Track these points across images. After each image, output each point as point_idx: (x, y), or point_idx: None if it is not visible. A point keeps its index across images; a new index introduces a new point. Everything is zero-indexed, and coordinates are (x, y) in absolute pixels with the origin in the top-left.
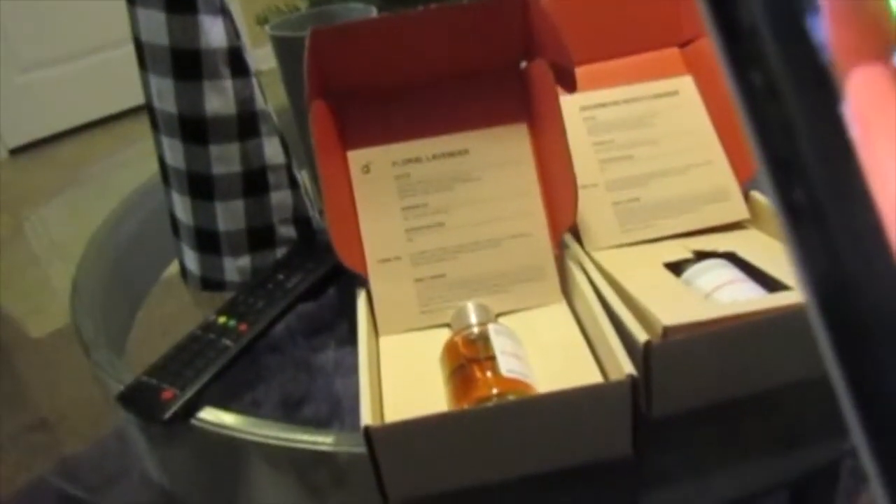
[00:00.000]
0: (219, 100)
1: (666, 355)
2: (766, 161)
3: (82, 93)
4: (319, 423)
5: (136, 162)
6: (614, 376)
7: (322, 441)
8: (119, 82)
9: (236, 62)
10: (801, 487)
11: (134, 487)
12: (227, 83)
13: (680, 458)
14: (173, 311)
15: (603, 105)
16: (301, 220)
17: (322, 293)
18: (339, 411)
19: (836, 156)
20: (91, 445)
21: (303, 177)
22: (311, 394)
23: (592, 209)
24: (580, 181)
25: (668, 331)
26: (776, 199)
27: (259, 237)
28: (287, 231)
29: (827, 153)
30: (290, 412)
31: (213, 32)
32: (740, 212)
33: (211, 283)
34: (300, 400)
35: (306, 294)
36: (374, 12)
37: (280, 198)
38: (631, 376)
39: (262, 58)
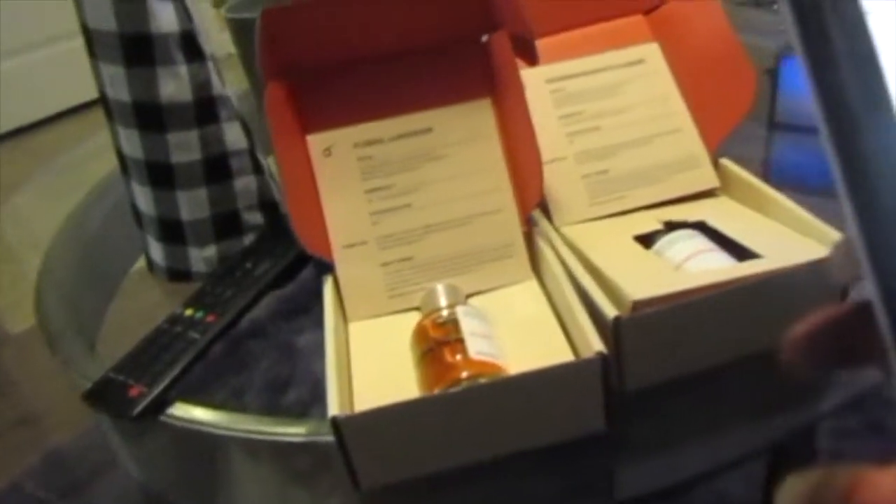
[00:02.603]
0: (174, 85)
1: (636, 330)
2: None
3: (52, 82)
4: (303, 407)
5: (109, 150)
6: (585, 354)
7: (295, 432)
8: (90, 70)
9: (190, 46)
10: (778, 453)
11: (120, 479)
12: (182, 68)
13: (656, 430)
14: (148, 303)
15: (569, 77)
16: (267, 205)
17: (292, 278)
18: (322, 394)
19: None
20: (75, 438)
21: (269, 162)
22: (296, 377)
23: (561, 183)
24: (548, 155)
25: (637, 305)
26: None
27: (224, 225)
28: (253, 217)
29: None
30: (276, 396)
31: (164, 16)
32: (710, 180)
33: (177, 273)
34: (285, 383)
35: (276, 281)
36: None
37: (244, 183)
38: (600, 354)
39: (227, 41)
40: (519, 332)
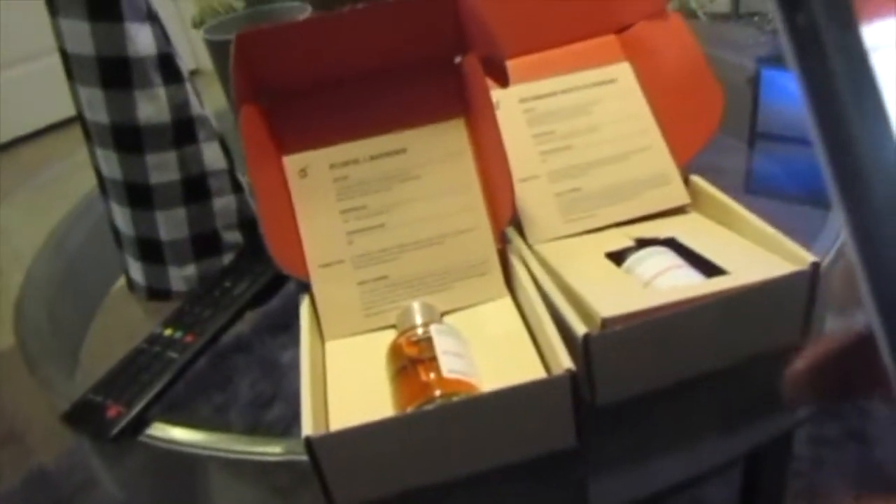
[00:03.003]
0: (151, 107)
1: (605, 346)
2: None
3: (36, 97)
4: (287, 423)
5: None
6: (555, 371)
7: (273, 451)
8: None
9: (167, 68)
10: (755, 460)
11: (103, 499)
12: (160, 90)
13: (628, 443)
14: (129, 321)
15: (542, 96)
16: (246, 223)
17: (271, 297)
18: None
19: None
20: (57, 457)
21: (248, 180)
22: (279, 393)
23: (535, 201)
24: (521, 174)
25: (606, 322)
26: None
27: (204, 244)
28: (233, 236)
29: None
30: (259, 413)
31: (141, 39)
32: (681, 196)
33: (157, 292)
34: (269, 400)
35: (254, 299)
36: (308, 10)
37: (223, 203)
38: (569, 371)
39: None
40: (493, 350)
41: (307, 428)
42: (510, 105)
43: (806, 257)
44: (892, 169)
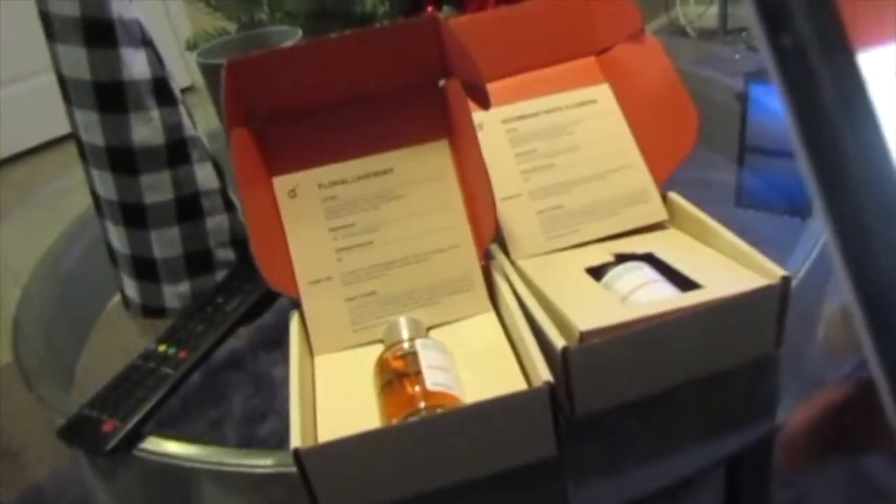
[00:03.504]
0: (146, 130)
1: (584, 359)
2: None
3: (32, 114)
4: (280, 438)
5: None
6: (535, 383)
7: (265, 463)
8: None
9: (161, 92)
10: (736, 466)
11: None
12: (154, 113)
13: (608, 452)
14: (124, 338)
15: (524, 117)
16: (239, 242)
17: (262, 314)
18: None
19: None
20: (54, 473)
21: (240, 199)
22: (273, 408)
23: (517, 219)
24: (504, 192)
25: (585, 335)
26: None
27: (197, 262)
28: (225, 254)
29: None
30: (253, 428)
31: (136, 64)
32: (659, 213)
33: (151, 310)
34: (262, 415)
35: (246, 315)
36: (299, 34)
37: (216, 222)
38: (548, 383)
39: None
40: (477, 363)
41: (296, 440)
42: (493, 126)
43: (777, 272)
44: (891, 202)
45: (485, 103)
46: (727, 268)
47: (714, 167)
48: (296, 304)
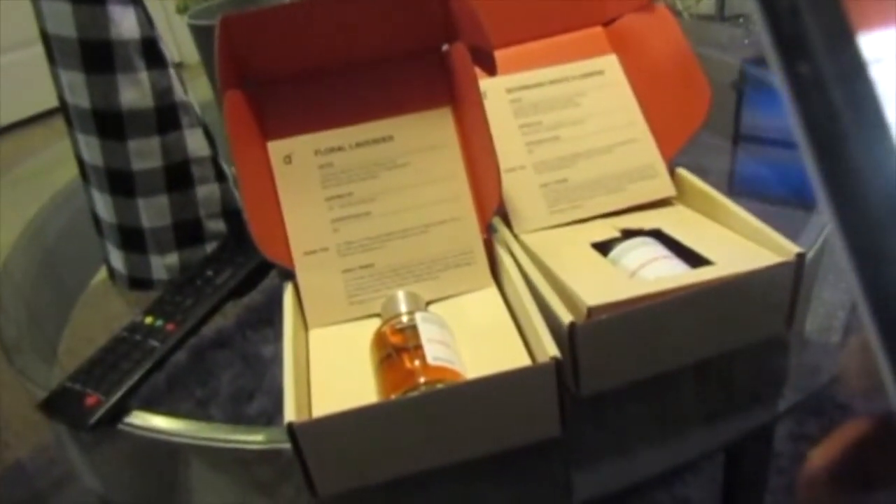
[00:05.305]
0: (134, 92)
1: (591, 335)
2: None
3: (15, 89)
4: (268, 417)
5: (72, 158)
6: (540, 359)
7: (255, 440)
8: None
9: (151, 53)
10: (735, 456)
11: (82, 492)
12: (143, 75)
13: (612, 433)
14: (109, 312)
15: (529, 87)
16: (230, 213)
17: (254, 287)
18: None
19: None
20: (36, 451)
21: (233, 170)
22: (261, 387)
23: (521, 192)
24: (508, 164)
25: (592, 311)
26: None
27: (186, 233)
28: (216, 225)
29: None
30: (240, 407)
31: (125, 23)
32: (667, 188)
33: (138, 282)
34: (250, 394)
35: (237, 289)
36: None
37: (206, 191)
38: (555, 359)
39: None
40: (478, 339)
41: (290, 414)
42: (497, 95)
43: (791, 248)
44: None
45: (491, 69)
46: (739, 245)
47: (709, 152)
48: (288, 276)
